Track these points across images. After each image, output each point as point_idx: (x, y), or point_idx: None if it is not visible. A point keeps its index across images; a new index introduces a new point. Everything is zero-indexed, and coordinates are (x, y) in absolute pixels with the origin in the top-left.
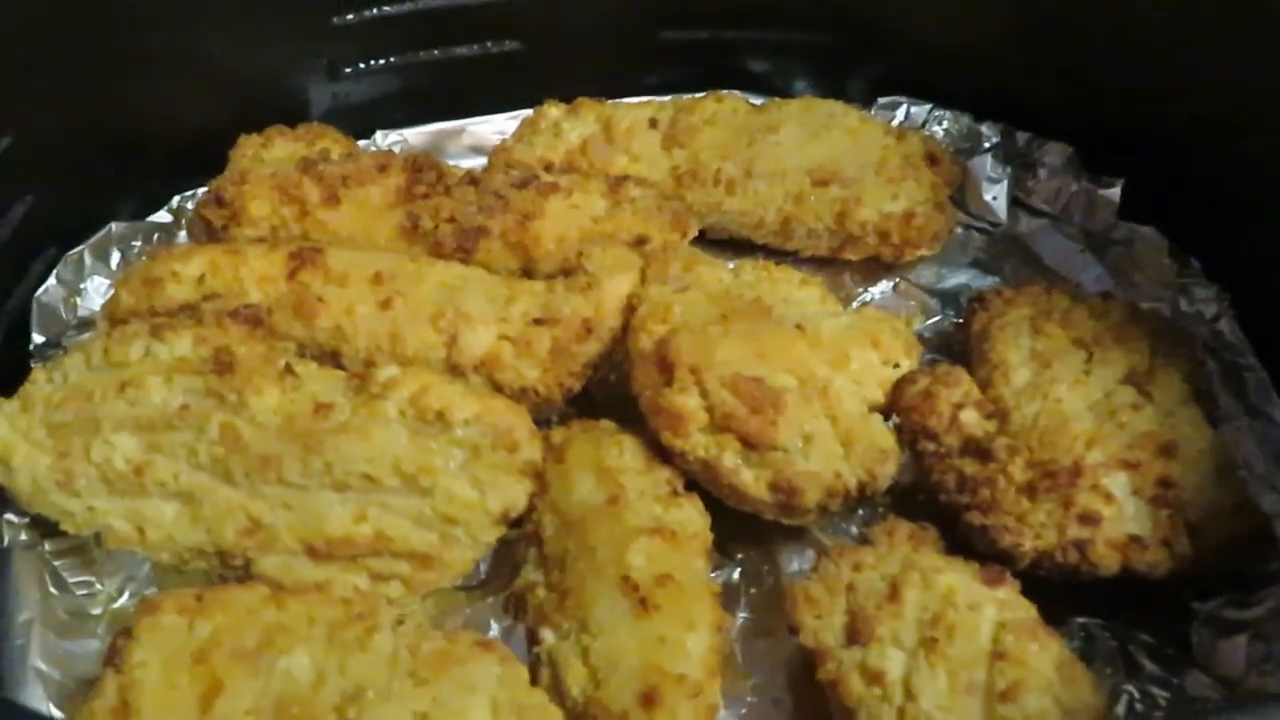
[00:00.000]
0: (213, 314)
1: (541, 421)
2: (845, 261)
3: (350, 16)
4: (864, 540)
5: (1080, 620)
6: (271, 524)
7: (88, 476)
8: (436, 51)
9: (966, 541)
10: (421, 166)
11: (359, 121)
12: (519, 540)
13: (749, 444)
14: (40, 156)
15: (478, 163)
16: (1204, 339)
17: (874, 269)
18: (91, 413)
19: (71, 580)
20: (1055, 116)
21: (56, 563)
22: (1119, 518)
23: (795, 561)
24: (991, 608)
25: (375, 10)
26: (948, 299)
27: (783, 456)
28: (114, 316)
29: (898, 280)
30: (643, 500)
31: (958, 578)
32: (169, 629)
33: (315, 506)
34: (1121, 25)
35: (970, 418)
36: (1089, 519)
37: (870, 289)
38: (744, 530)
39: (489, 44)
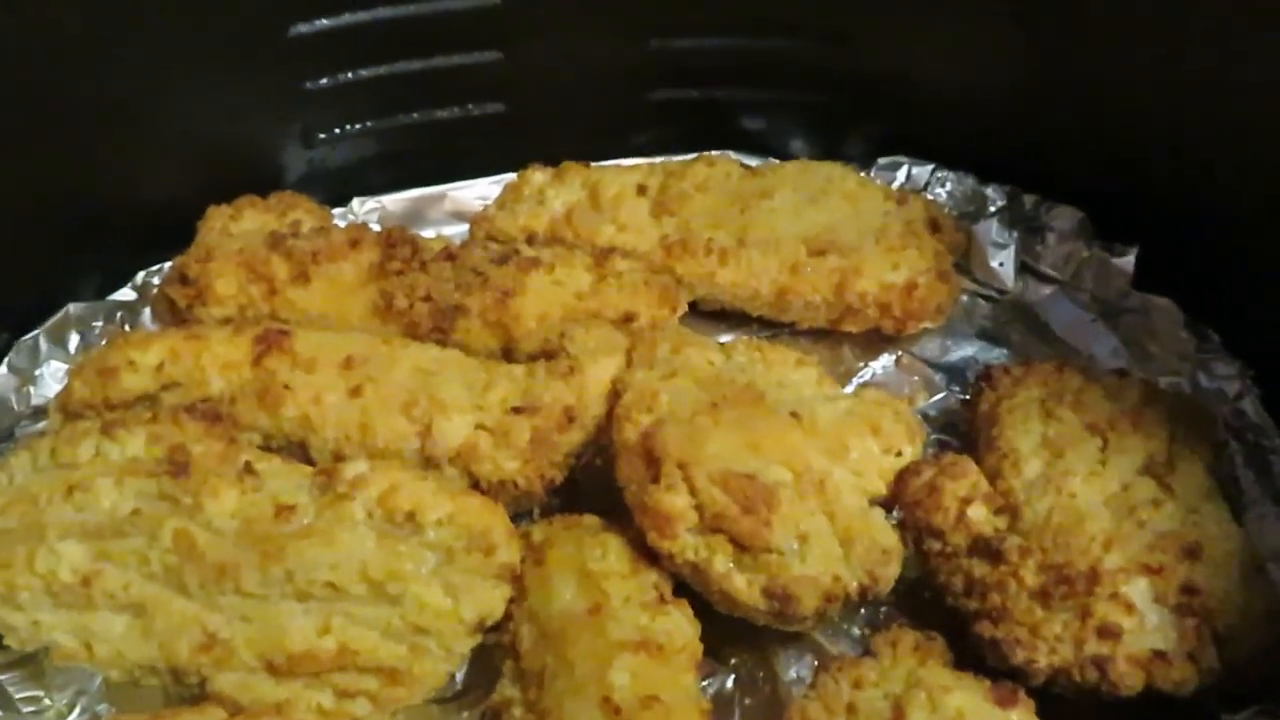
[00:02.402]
0: (169, 409)
1: (523, 515)
2: (845, 334)
3: (324, 81)
4: (866, 649)
5: None
6: (228, 638)
7: (32, 589)
8: (416, 115)
9: (976, 650)
10: (396, 241)
11: (335, 188)
12: (496, 646)
13: (741, 546)
14: None
15: (460, 229)
16: (1226, 418)
17: (875, 341)
18: (37, 519)
19: (18, 696)
20: (1064, 178)
21: (2, 677)
22: (1141, 630)
23: (793, 668)
24: None
25: (349, 75)
26: (953, 373)
27: (777, 559)
28: (67, 409)
29: (900, 354)
30: (627, 609)
31: (967, 697)
32: None
33: (275, 618)
34: (1135, 83)
35: (978, 514)
36: (1109, 632)
37: (871, 363)
38: (738, 632)
39: (470, 106)
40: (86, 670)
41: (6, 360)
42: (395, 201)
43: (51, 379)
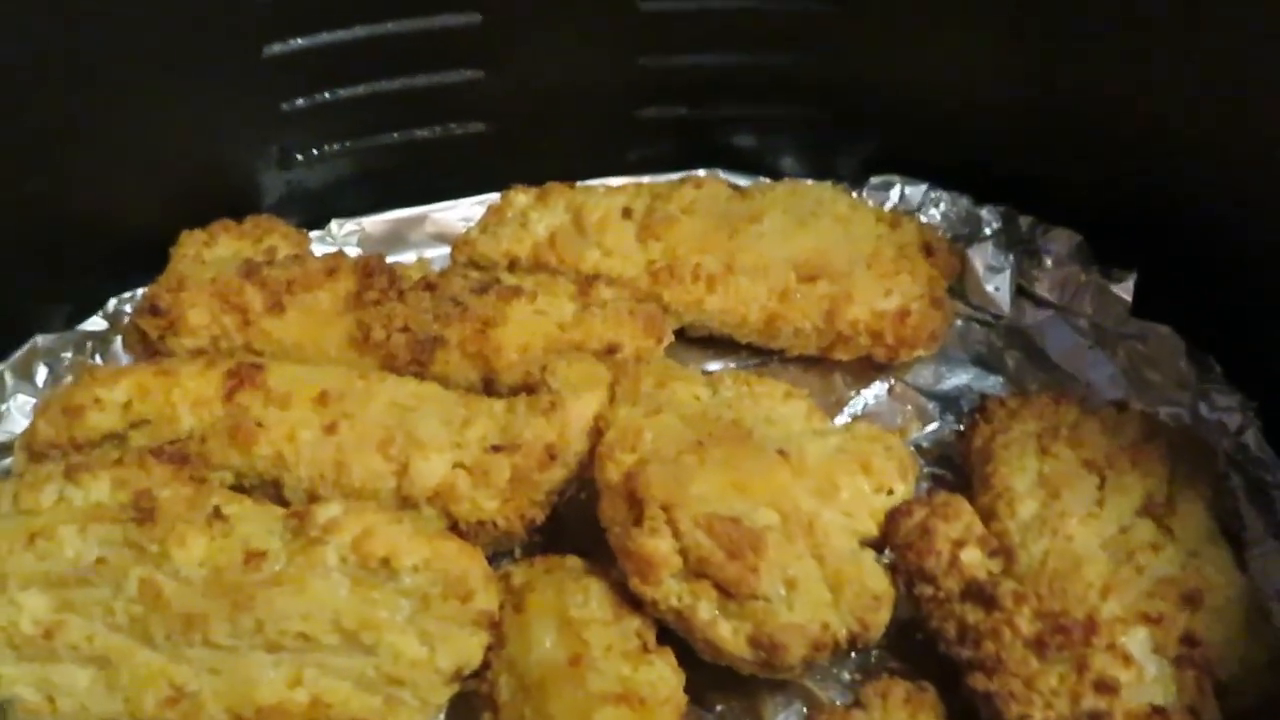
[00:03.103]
0: (136, 451)
1: (504, 554)
2: (835, 362)
3: (300, 101)
4: (855, 699)
5: None
6: (196, 691)
7: None
8: (396, 135)
9: (969, 702)
10: (373, 270)
11: (313, 210)
12: (473, 695)
13: (726, 592)
14: None
15: (441, 252)
16: (1227, 452)
17: (867, 369)
18: None
19: None
20: (1062, 200)
21: None
22: (1139, 683)
23: (781, 715)
24: None
25: (328, 94)
26: (948, 402)
27: (764, 606)
28: (32, 448)
29: (893, 382)
30: (609, 658)
31: None
32: None
33: (245, 670)
34: (1134, 104)
35: (972, 557)
36: (1106, 687)
37: (863, 392)
38: (723, 678)
39: (452, 125)
40: None
41: None
42: (375, 223)
43: (19, 413)
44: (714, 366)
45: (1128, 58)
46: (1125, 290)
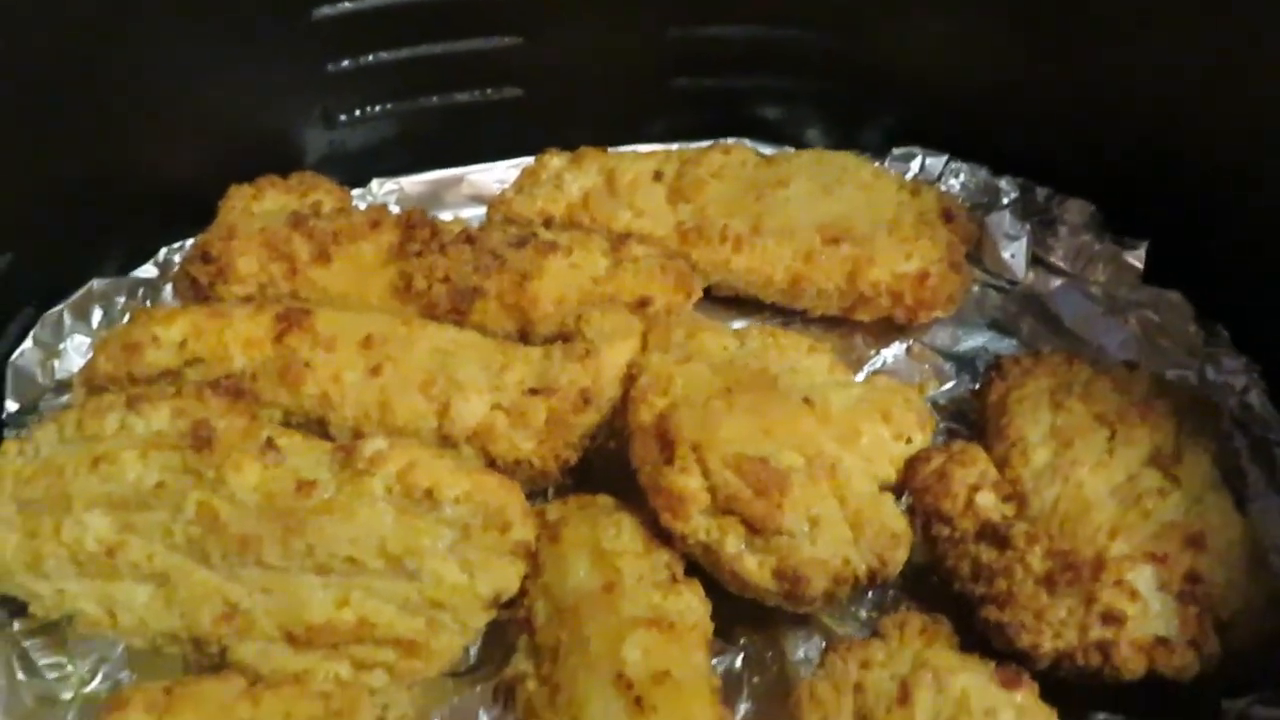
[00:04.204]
0: (193, 384)
1: (537, 494)
2: (857, 323)
3: (346, 63)
4: (873, 630)
5: (1101, 716)
6: (249, 609)
7: (57, 557)
8: (435, 98)
9: (982, 634)
10: (415, 223)
11: (354, 169)
12: (510, 622)
13: (753, 528)
14: (21, 212)
15: (477, 212)
16: (1232, 412)
17: (886, 330)
18: (63, 489)
19: (42, 663)
20: (1077, 172)
21: (26, 643)
22: (1144, 616)
23: (801, 648)
24: (1009, 713)
25: (371, 57)
26: (963, 363)
27: (788, 541)
28: (91, 383)
29: (911, 342)
30: (640, 587)
31: (973, 679)
32: None
33: (295, 591)
34: (1147, 79)
35: (987, 501)
36: (1112, 618)
37: (882, 351)
38: (747, 613)
39: (489, 90)
40: (109, 638)
41: (32, 334)
42: (413, 183)
43: (75, 353)
44: (739, 325)
45: (1139, 31)
46: (1137, 258)
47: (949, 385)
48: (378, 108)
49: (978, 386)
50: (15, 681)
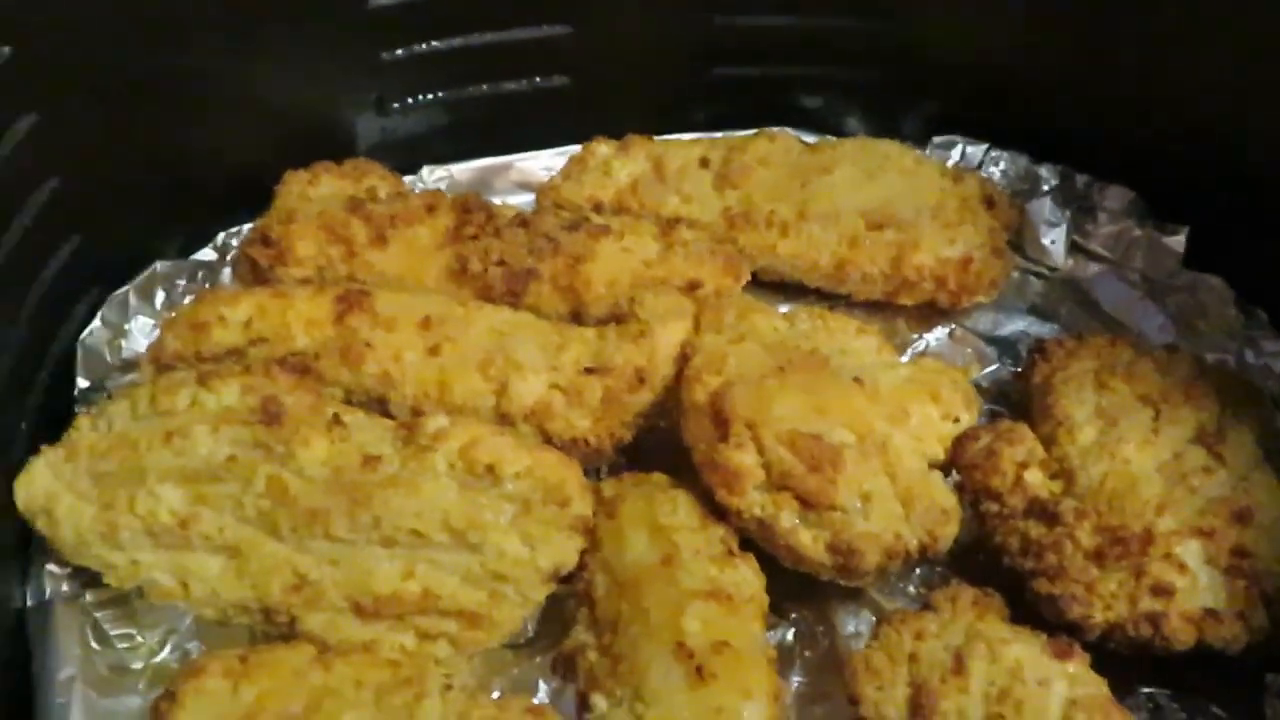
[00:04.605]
0: (260, 361)
1: (591, 472)
2: (900, 307)
3: (399, 52)
4: (923, 603)
5: (1147, 690)
6: (318, 580)
7: (132, 529)
8: (485, 87)
9: (1032, 609)
10: (471, 207)
11: (405, 156)
12: (568, 596)
13: (807, 503)
14: (87, 197)
15: (525, 199)
16: (1273, 394)
17: (929, 315)
18: (137, 463)
19: (113, 633)
20: (1116, 159)
21: (98, 614)
22: (1193, 589)
23: (851, 623)
24: (1062, 683)
25: (424, 46)
26: (1005, 347)
27: (841, 517)
28: (159, 360)
29: (954, 327)
30: (697, 560)
31: (1026, 650)
32: (213, 693)
33: (363, 562)
34: (1186, 66)
35: (1035, 478)
36: (1162, 590)
37: (925, 335)
38: (798, 589)
39: (538, 79)
40: (177, 609)
41: (100, 314)
42: (463, 170)
43: (139, 334)
44: (785, 309)
45: (1177, 19)
46: (1177, 243)
47: (991, 368)
48: (429, 96)
49: (1020, 369)
50: (90, 650)
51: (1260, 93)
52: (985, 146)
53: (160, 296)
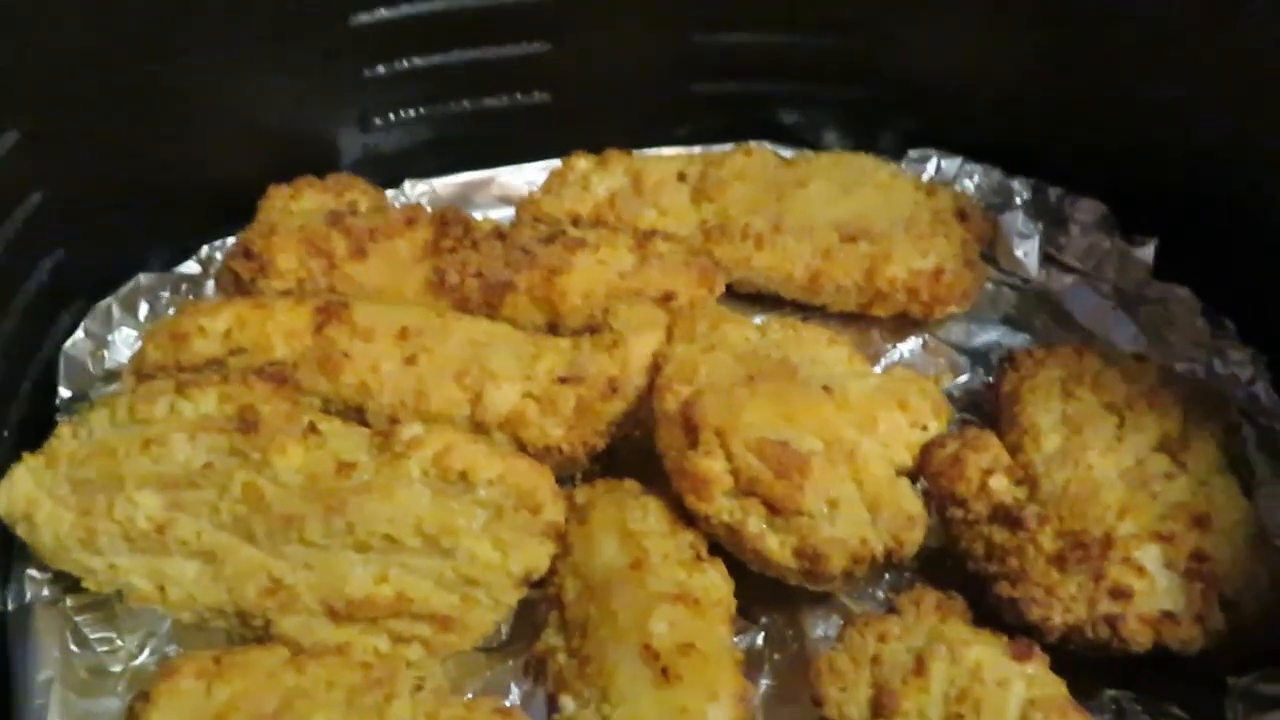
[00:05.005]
0: (238, 371)
1: (565, 480)
2: (874, 318)
3: (381, 69)
4: (890, 608)
5: (1111, 693)
6: (292, 584)
7: (110, 534)
8: (466, 102)
9: (995, 612)
10: (449, 221)
11: (388, 171)
12: (540, 601)
13: (774, 509)
14: (71, 210)
15: (506, 213)
16: (1239, 403)
17: (903, 325)
18: (115, 470)
19: (92, 637)
20: (1087, 173)
21: (78, 618)
22: (1151, 592)
23: (820, 627)
24: (1020, 684)
25: (406, 62)
26: (978, 357)
27: (808, 522)
28: (140, 371)
29: (927, 337)
30: (666, 565)
31: (986, 651)
32: (186, 693)
33: (337, 567)
34: (1155, 82)
35: (999, 484)
36: (1120, 593)
37: (899, 346)
38: (768, 593)
39: (519, 95)
40: (157, 613)
41: (83, 325)
42: (445, 185)
43: (122, 344)
44: (759, 321)
45: (1145, 34)
46: (1146, 255)
47: (963, 378)
48: (411, 112)
49: (992, 378)
50: (69, 653)
51: (1225, 105)
52: (960, 160)
53: (144, 308)
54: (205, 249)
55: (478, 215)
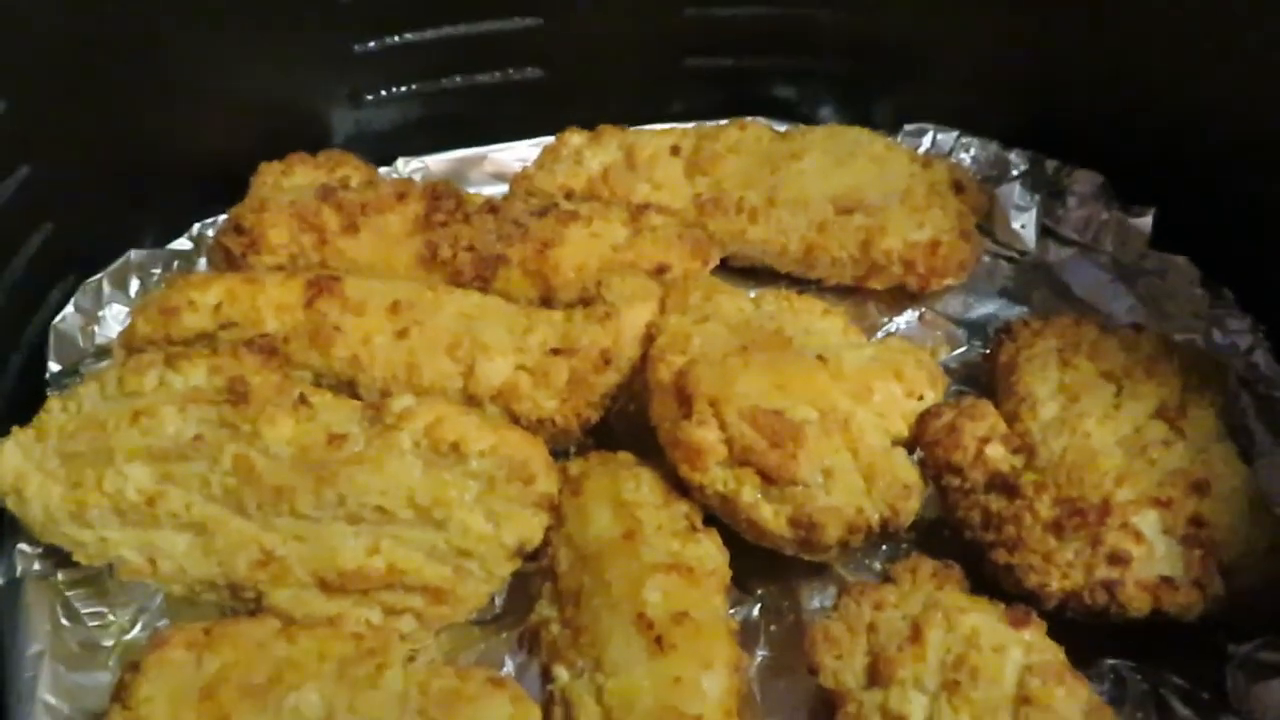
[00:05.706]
0: (228, 344)
1: (559, 452)
2: (870, 291)
3: (372, 44)
4: (886, 577)
5: (1110, 662)
6: (284, 556)
7: (100, 507)
8: (459, 78)
9: (992, 580)
10: (441, 194)
11: (380, 148)
12: (534, 573)
13: (768, 478)
14: (60, 185)
15: (499, 189)
16: (1238, 371)
17: (899, 298)
18: (105, 443)
19: (84, 611)
20: (1084, 144)
21: (69, 593)
22: (1149, 558)
23: (816, 598)
24: (1017, 650)
25: (397, 38)
26: (974, 329)
27: (803, 491)
28: (130, 345)
29: (923, 310)
30: (660, 535)
31: (982, 618)
32: (176, 664)
33: (328, 539)
34: (1151, 51)
35: (996, 452)
36: (1118, 559)
37: (895, 319)
38: (764, 565)
39: (511, 71)
40: (148, 587)
41: (73, 300)
42: (438, 162)
43: (113, 320)
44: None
45: (1143, 3)
46: (1144, 225)
47: (960, 350)
48: (403, 88)
49: (988, 349)
50: (60, 628)
51: (1223, 74)
52: (956, 133)
53: (135, 284)
54: (197, 226)
55: (471, 192)
